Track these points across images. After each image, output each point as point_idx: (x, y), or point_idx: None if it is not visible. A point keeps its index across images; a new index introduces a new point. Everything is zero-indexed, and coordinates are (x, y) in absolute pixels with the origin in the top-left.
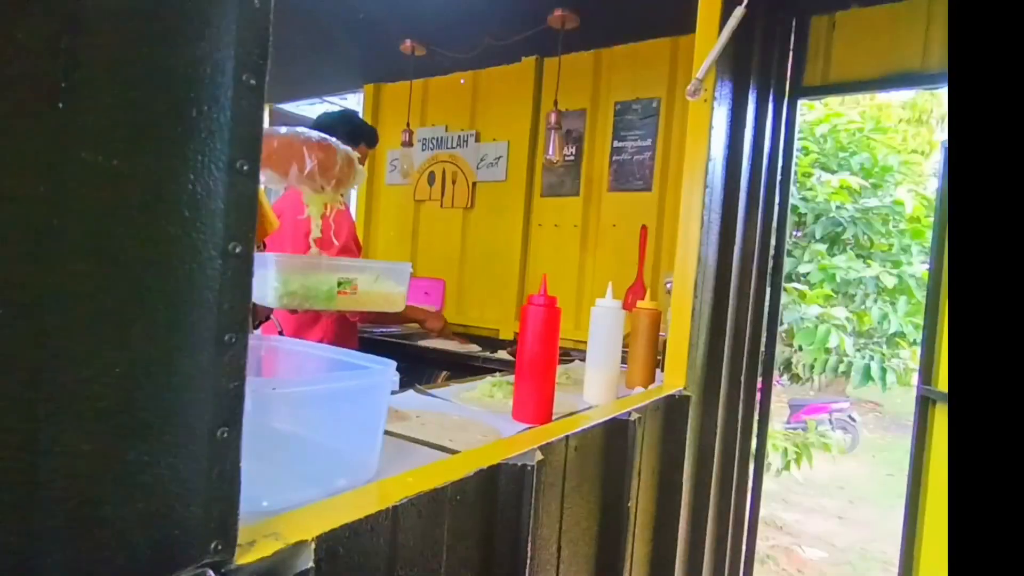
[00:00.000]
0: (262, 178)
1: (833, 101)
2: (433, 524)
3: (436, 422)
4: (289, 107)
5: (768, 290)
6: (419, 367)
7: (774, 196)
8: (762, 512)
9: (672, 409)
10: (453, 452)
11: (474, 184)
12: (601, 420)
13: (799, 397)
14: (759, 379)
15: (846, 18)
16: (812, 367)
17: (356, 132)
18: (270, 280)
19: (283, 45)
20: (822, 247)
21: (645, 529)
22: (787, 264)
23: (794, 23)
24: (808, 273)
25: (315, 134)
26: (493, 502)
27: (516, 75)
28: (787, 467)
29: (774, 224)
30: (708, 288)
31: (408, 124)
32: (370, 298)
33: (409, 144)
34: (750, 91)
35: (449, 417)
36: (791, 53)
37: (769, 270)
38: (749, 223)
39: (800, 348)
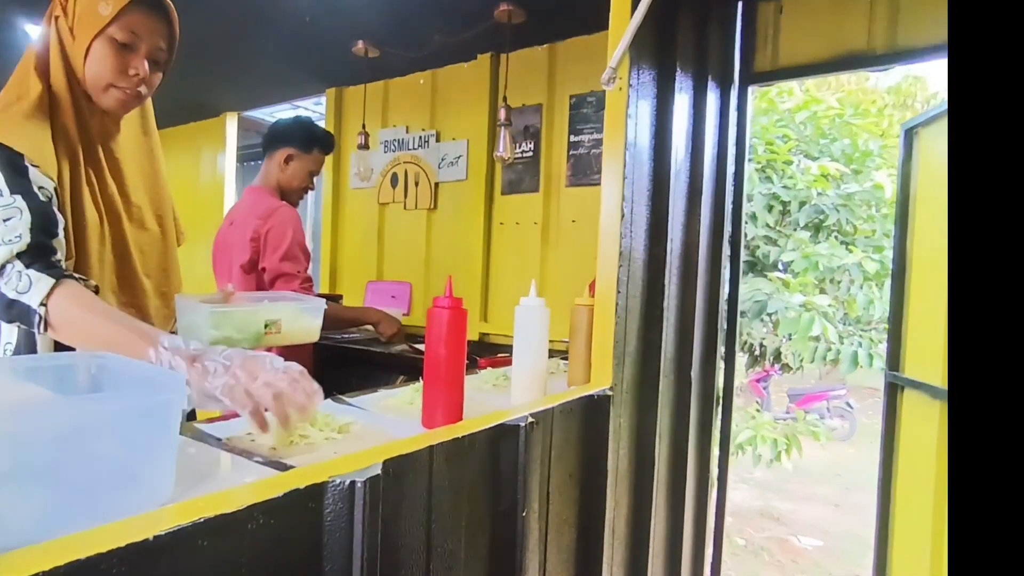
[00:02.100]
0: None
1: (812, 87)
2: (226, 554)
3: (329, 435)
4: (259, 114)
5: (727, 276)
6: (377, 372)
7: (725, 184)
8: (757, 503)
9: (590, 410)
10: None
11: (436, 185)
12: (483, 427)
13: (798, 386)
14: (721, 369)
15: (792, 1)
16: (802, 357)
17: (310, 138)
18: (203, 325)
19: (241, 51)
20: (805, 235)
21: (561, 535)
22: (771, 253)
23: (740, 8)
24: (792, 262)
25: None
26: (318, 525)
27: (472, 73)
28: (777, 458)
29: (728, 211)
30: (636, 283)
31: (364, 126)
32: (292, 334)
33: (365, 147)
34: (678, 78)
35: (355, 426)
36: (739, 39)
37: (725, 257)
38: (691, 213)
39: (790, 337)
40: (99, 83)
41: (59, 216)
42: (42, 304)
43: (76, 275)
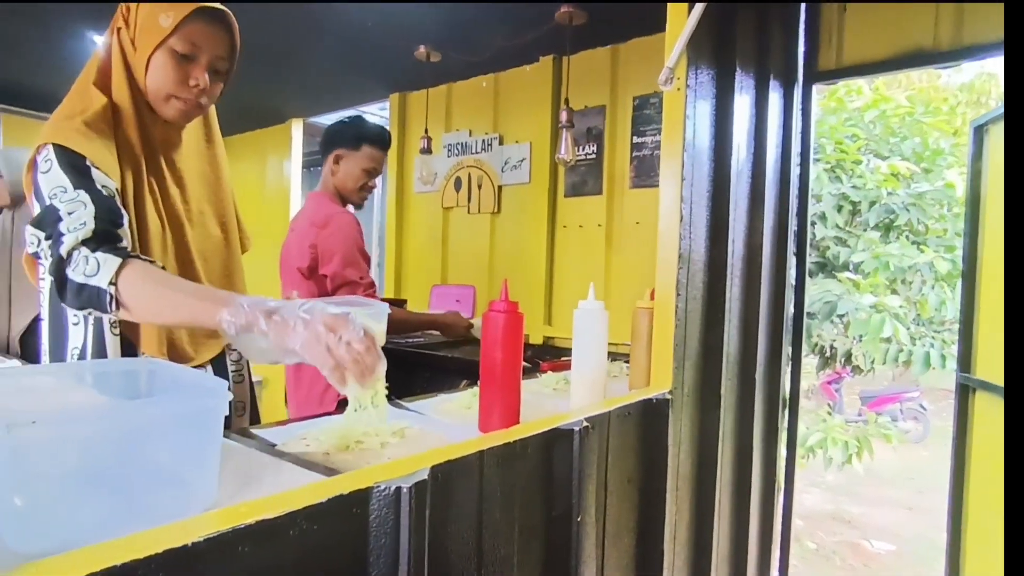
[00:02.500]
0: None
1: (882, 85)
2: (267, 561)
3: (384, 440)
4: (325, 120)
5: (792, 277)
6: (440, 376)
7: (789, 184)
8: (829, 507)
9: (649, 414)
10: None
11: (500, 188)
12: (536, 432)
13: (870, 388)
14: (787, 371)
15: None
16: (873, 358)
17: (357, 135)
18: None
19: (305, 58)
20: (876, 235)
21: (620, 540)
22: (841, 254)
23: (803, 8)
24: (862, 262)
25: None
26: (363, 531)
27: (535, 75)
28: (848, 460)
29: (793, 211)
30: (696, 285)
31: (427, 130)
32: None
33: (428, 151)
34: (739, 78)
35: (409, 430)
36: (802, 37)
37: (791, 256)
38: (754, 214)
39: (860, 338)
40: (160, 94)
41: (123, 211)
42: (111, 283)
43: (143, 256)
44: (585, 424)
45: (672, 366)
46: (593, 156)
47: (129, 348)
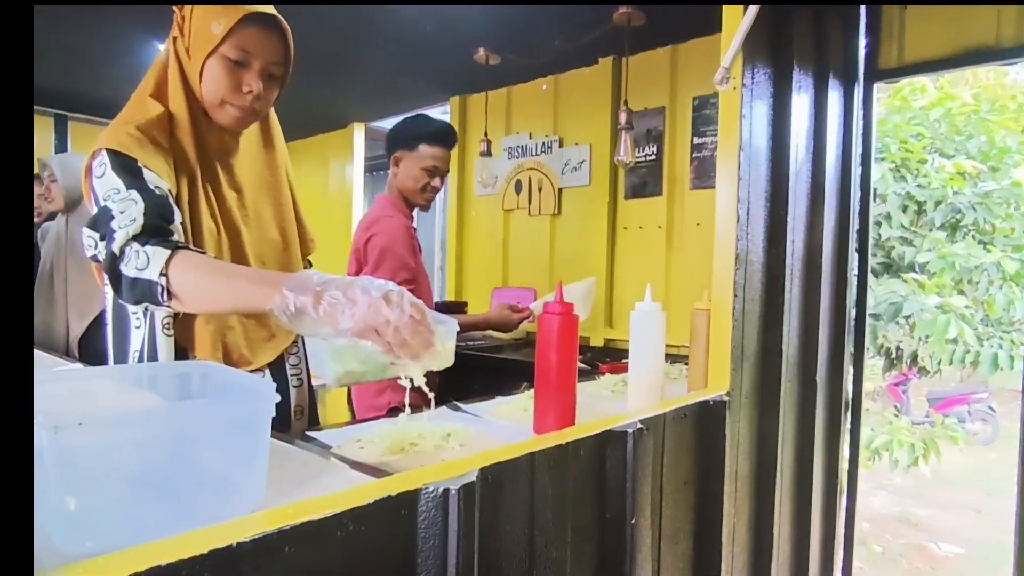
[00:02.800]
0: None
1: (947, 83)
2: (314, 562)
3: (439, 443)
4: (387, 124)
5: (854, 277)
6: (500, 379)
7: (850, 183)
8: (895, 509)
9: (705, 415)
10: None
11: (560, 190)
12: (589, 434)
13: (938, 390)
14: (850, 372)
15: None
16: (939, 359)
17: (414, 135)
18: (327, 360)
19: (365, 63)
20: (941, 235)
21: (676, 543)
22: (907, 254)
23: (864, 8)
24: (927, 263)
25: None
26: (411, 533)
27: (594, 77)
28: (915, 463)
29: (855, 210)
30: (754, 285)
31: (486, 133)
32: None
33: (487, 154)
34: (796, 77)
35: (463, 433)
36: (863, 36)
37: (853, 254)
38: (814, 214)
39: (926, 339)
40: (214, 100)
41: (175, 208)
42: (162, 275)
43: (193, 247)
44: (639, 426)
45: (729, 367)
46: (653, 157)
47: (183, 354)
